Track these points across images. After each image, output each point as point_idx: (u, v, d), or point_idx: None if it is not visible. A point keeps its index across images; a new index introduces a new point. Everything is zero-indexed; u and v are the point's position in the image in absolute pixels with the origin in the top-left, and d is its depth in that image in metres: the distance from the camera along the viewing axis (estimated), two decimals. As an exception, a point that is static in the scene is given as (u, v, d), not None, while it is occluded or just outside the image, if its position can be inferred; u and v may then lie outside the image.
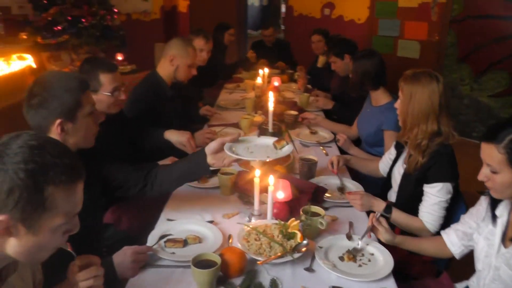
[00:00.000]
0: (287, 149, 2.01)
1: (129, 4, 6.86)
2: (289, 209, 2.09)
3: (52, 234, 1.07)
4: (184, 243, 1.85)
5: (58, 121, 1.64)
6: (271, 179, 1.95)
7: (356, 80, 3.17)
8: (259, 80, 4.24)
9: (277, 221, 1.91)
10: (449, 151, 2.15)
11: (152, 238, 1.87)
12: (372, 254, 1.85)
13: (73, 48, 4.88)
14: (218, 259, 1.61)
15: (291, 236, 1.82)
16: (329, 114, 3.96)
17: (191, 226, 2.00)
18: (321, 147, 3.10)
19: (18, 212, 0.99)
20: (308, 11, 7.48)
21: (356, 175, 2.70)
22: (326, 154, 2.97)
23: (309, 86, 4.86)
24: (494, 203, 1.73)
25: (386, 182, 2.55)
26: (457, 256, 1.94)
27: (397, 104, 2.34)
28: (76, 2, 4.70)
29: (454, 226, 1.95)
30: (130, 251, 1.67)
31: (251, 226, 1.90)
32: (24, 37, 4.65)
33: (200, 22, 6.84)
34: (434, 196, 2.13)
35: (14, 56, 4.20)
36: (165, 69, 3.18)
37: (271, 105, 2.86)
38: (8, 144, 1.02)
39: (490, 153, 1.59)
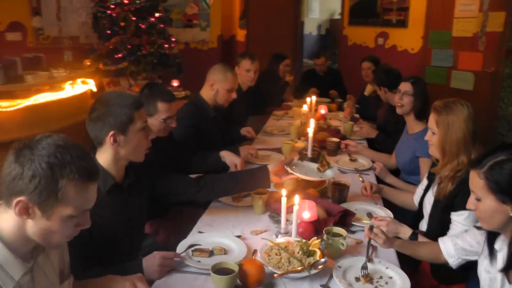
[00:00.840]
0: (329, 172, 2.61)
1: (188, 34, 7.21)
2: (314, 229, 2.16)
3: (63, 223, 1.26)
4: (210, 253, 1.98)
5: (111, 132, 1.84)
6: (296, 199, 2.05)
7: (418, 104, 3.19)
8: (305, 108, 4.34)
9: (299, 239, 1.99)
10: None
11: (181, 247, 2.02)
12: (391, 278, 1.87)
13: (131, 74, 5.20)
14: (236, 268, 1.72)
15: (310, 253, 1.90)
16: (372, 143, 4.00)
17: (219, 238, 2.13)
18: (358, 174, 3.12)
19: (36, 195, 1.19)
20: (362, 41, 7.52)
21: (390, 206, 2.69)
22: (363, 181, 2.97)
23: (356, 115, 4.87)
24: (491, 237, 1.72)
25: (417, 212, 2.55)
26: (454, 266, 1.97)
27: (428, 136, 2.36)
28: (136, 32, 5.03)
29: (453, 239, 1.97)
30: (159, 256, 1.82)
31: (274, 242, 1.99)
32: (88, 63, 5.05)
33: (257, 50, 7.02)
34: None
35: (79, 81, 4.57)
36: (206, 93, 3.38)
37: (310, 131, 2.97)
38: (40, 140, 1.24)
39: (473, 179, 1.63)
